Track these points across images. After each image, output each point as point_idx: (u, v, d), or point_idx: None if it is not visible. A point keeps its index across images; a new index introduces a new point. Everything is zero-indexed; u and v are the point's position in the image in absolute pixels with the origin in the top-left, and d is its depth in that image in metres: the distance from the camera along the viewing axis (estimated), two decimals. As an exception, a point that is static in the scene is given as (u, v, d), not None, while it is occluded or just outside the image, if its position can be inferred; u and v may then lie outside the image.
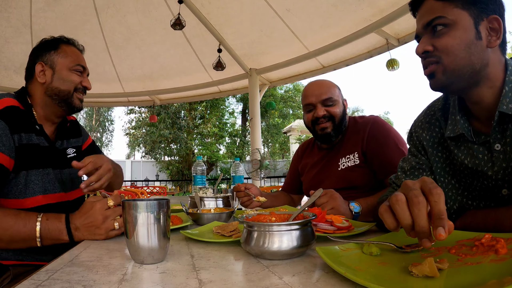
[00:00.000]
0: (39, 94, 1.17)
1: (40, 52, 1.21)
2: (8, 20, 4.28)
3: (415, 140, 0.97)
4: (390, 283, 0.48)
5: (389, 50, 4.09)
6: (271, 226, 0.65)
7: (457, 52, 0.75)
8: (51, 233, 0.90)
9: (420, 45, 0.80)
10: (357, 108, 22.07)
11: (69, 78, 1.19)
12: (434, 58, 0.78)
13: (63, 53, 1.21)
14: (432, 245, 0.63)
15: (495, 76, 0.77)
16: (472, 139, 0.81)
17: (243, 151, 20.24)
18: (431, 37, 0.79)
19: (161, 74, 5.72)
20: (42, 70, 1.18)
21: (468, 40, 0.75)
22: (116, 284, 0.53)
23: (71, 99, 1.20)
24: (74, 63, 1.21)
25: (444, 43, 0.76)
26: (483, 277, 0.47)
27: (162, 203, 0.67)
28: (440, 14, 0.77)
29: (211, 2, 4.12)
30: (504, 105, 0.73)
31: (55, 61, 1.19)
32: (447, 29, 0.76)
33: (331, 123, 1.43)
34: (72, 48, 1.25)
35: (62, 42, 1.24)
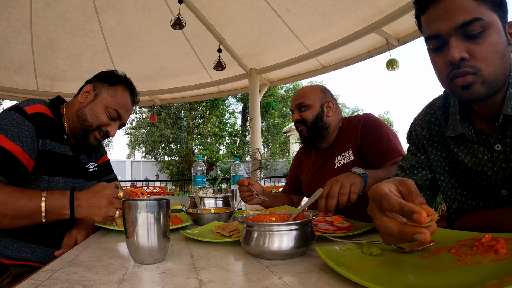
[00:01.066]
0: (73, 110, 1.21)
1: (101, 78, 1.25)
2: (8, 20, 4.28)
3: (415, 139, 0.96)
4: (390, 283, 0.48)
5: (389, 50, 4.09)
6: (271, 226, 0.65)
7: (496, 60, 0.69)
8: (54, 207, 0.92)
9: (456, 50, 0.68)
10: (357, 108, 22.06)
11: (98, 114, 1.20)
12: (471, 69, 0.69)
13: (113, 92, 1.23)
14: (432, 245, 0.63)
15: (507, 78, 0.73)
16: (473, 139, 0.79)
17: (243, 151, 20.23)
18: (463, 40, 0.69)
19: (161, 74, 5.72)
20: (87, 91, 1.21)
21: (503, 46, 0.69)
22: (116, 284, 0.53)
23: (90, 133, 1.21)
24: (115, 106, 1.22)
25: (485, 51, 0.68)
26: (483, 277, 0.47)
27: (162, 203, 0.67)
28: (478, 15, 0.67)
29: (211, 2, 4.12)
30: (509, 107, 0.72)
31: (101, 93, 1.22)
32: (484, 34, 0.68)
33: (304, 126, 1.54)
34: (125, 94, 1.26)
35: (123, 83, 1.27)
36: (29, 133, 1.02)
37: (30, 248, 1.06)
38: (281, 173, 17.71)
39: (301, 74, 5.32)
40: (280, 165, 19.71)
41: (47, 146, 1.08)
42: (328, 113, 1.53)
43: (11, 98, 5.85)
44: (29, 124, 1.03)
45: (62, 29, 4.54)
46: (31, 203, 0.91)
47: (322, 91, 1.56)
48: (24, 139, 1.01)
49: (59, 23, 4.44)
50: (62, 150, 1.14)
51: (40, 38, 4.63)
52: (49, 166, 1.09)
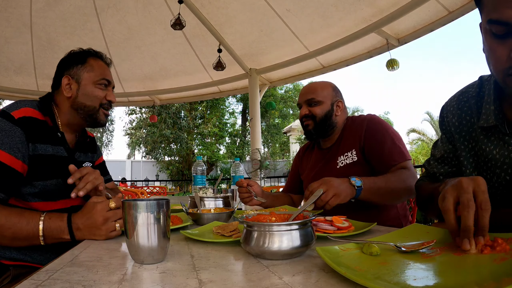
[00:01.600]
0: (65, 106, 1.20)
1: (67, 64, 1.22)
2: (8, 20, 4.28)
3: (446, 126, 0.95)
4: (390, 283, 0.48)
5: (389, 50, 4.08)
6: (271, 226, 0.65)
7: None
8: (53, 232, 0.92)
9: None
10: (357, 108, 22.03)
11: (93, 93, 1.20)
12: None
13: (90, 67, 1.21)
14: (432, 245, 0.63)
15: None
16: (505, 131, 0.76)
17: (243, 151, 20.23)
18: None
19: (161, 74, 5.72)
20: (68, 83, 1.19)
21: None
22: (116, 284, 0.53)
23: (96, 114, 1.21)
24: (99, 77, 1.21)
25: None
26: (483, 277, 0.47)
27: (162, 203, 0.67)
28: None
29: (211, 2, 4.11)
30: None
31: (81, 76, 1.20)
32: None
33: (312, 121, 1.51)
34: (99, 62, 1.25)
35: (90, 55, 1.25)
36: (19, 139, 1.01)
37: (29, 250, 1.06)
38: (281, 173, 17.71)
39: (301, 74, 5.32)
40: (280, 165, 19.70)
41: (38, 150, 1.06)
42: (337, 112, 1.53)
43: (11, 98, 5.85)
44: (17, 129, 1.01)
45: (62, 29, 4.54)
46: (29, 226, 0.91)
47: (333, 89, 1.55)
48: (15, 146, 0.99)
49: (59, 23, 4.43)
50: (55, 152, 1.12)
51: (40, 38, 4.63)
52: (42, 171, 1.07)
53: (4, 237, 0.91)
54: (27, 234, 0.91)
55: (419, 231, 0.74)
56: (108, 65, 1.29)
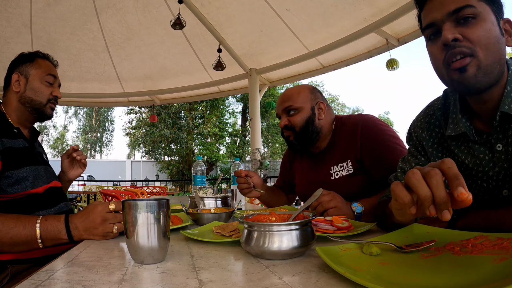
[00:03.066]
0: (14, 102, 1.29)
1: (17, 63, 1.33)
2: (8, 20, 4.27)
3: (415, 141, 0.96)
4: (390, 283, 0.48)
5: (389, 50, 4.08)
6: (271, 226, 0.65)
7: (490, 45, 0.70)
8: (50, 234, 0.92)
9: (448, 32, 0.71)
10: (357, 108, 22.06)
11: (40, 89, 1.30)
12: (468, 50, 0.70)
13: (37, 65, 1.32)
14: (432, 245, 0.63)
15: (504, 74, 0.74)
16: (474, 138, 0.79)
17: (243, 151, 20.23)
18: (455, 25, 0.72)
19: (161, 74, 5.71)
20: (17, 80, 1.29)
21: (497, 34, 0.71)
22: (116, 284, 0.53)
23: (43, 108, 1.31)
24: (45, 73, 1.32)
25: (477, 34, 0.70)
26: (483, 277, 0.47)
27: (162, 203, 0.67)
28: (468, 2, 0.71)
29: (211, 2, 4.11)
30: (506, 105, 0.72)
31: (29, 72, 1.31)
32: (476, 21, 0.71)
33: (291, 132, 1.41)
34: (46, 62, 1.36)
35: (38, 56, 1.36)
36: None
37: None
38: (281, 173, 17.62)
39: (301, 74, 5.31)
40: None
41: (6, 144, 1.14)
42: (320, 115, 1.39)
43: (11, 98, 5.84)
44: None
45: (62, 29, 4.53)
46: (26, 230, 0.92)
47: (311, 92, 1.41)
48: None
49: (59, 23, 4.43)
50: (18, 144, 1.19)
51: (40, 38, 4.62)
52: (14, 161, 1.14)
53: (3, 243, 0.91)
54: (25, 239, 0.91)
55: (419, 231, 0.74)
56: (54, 66, 1.41)
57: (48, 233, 0.92)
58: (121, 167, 23.88)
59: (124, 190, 5.64)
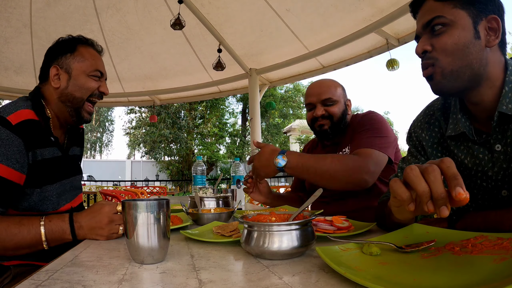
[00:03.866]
0: (53, 99, 1.11)
1: (56, 53, 1.13)
2: (8, 20, 4.27)
3: (415, 141, 0.97)
4: (390, 283, 0.48)
5: (389, 50, 4.08)
6: (271, 226, 0.65)
7: (455, 52, 0.74)
8: (54, 234, 0.91)
9: (419, 44, 0.79)
10: (357, 108, 22.05)
11: (86, 85, 1.11)
12: (431, 60, 0.77)
13: (80, 57, 1.12)
14: (432, 245, 0.63)
15: (495, 75, 0.76)
16: (473, 137, 0.80)
17: (243, 151, 20.23)
18: (430, 37, 0.78)
19: (161, 74, 5.71)
20: (57, 74, 1.11)
21: (466, 40, 0.74)
22: (116, 284, 0.53)
23: (81, 110, 1.13)
24: (92, 68, 1.13)
25: (443, 42, 0.75)
26: (483, 277, 0.47)
27: (162, 203, 0.67)
28: (439, 13, 0.76)
29: (211, 2, 4.11)
30: (504, 105, 0.73)
31: (71, 66, 1.11)
32: (446, 28, 0.75)
33: (329, 121, 1.48)
34: (90, 50, 1.16)
35: (80, 42, 1.16)
36: (17, 149, 0.94)
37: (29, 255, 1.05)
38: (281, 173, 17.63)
39: (301, 74, 5.32)
40: (280, 165, 19.62)
41: (39, 156, 1.01)
42: (349, 111, 1.53)
43: (11, 98, 5.85)
44: (16, 138, 0.94)
45: (62, 29, 4.53)
46: (30, 235, 0.89)
47: (343, 89, 1.55)
48: (13, 156, 0.93)
49: (59, 23, 4.43)
50: (51, 154, 1.07)
51: (40, 38, 4.62)
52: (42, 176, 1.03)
53: (6, 248, 0.89)
54: (30, 242, 0.89)
55: (419, 231, 0.74)
56: (99, 53, 1.20)
57: (53, 233, 0.90)
58: (121, 167, 23.88)
59: (124, 190, 5.64)
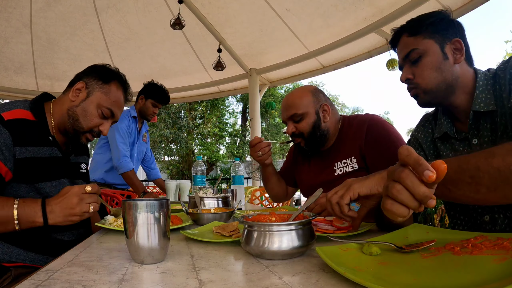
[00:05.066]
0: (63, 108, 1.14)
1: (93, 73, 1.17)
2: (8, 20, 4.27)
3: (413, 141, 1.12)
4: (390, 283, 0.48)
5: (389, 50, 4.08)
6: (271, 226, 0.65)
7: (431, 74, 0.94)
8: (27, 215, 0.92)
9: (403, 74, 0.99)
10: (357, 108, 22.06)
11: (91, 115, 1.13)
12: (414, 85, 0.97)
13: (107, 90, 1.16)
14: (432, 245, 0.63)
15: (466, 84, 0.93)
16: (454, 135, 0.96)
17: (243, 151, 20.23)
18: (410, 66, 0.98)
19: (161, 74, 5.71)
20: (79, 89, 1.14)
21: (438, 63, 0.93)
22: (116, 284, 0.53)
23: (80, 135, 1.15)
24: (108, 104, 1.15)
25: (421, 69, 0.95)
26: (483, 277, 0.47)
27: (162, 203, 0.67)
28: (413, 47, 0.95)
29: (211, 2, 4.11)
30: (476, 105, 0.88)
31: (94, 91, 1.15)
32: (421, 58, 0.95)
33: (301, 138, 1.41)
34: (119, 92, 1.20)
35: (117, 79, 1.20)
36: (4, 141, 0.97)
37: (29, 256, 1.05)
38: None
39: (301, 74, 5.32)
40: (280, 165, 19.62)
41: (30, 153, 1.03)
42: (325, 118, 1.39)
43: (11, 98, 5.84)
44: (5, 131, 0.97)
45: (62, 29, 4.53)
46: (3, 211, 0.91)
47: (313, 95, 1.41)
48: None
49: (59, 23, 4.43)
50: (48, 153, 1.09)
51: (40, 38, 4.62)
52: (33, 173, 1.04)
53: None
54: (1, 219, 0.90)
55: (419, 231, 0.74)
56: (125, 100, 1.24)
57: (26, 215, 0.91)
58: (121, 167, 23.83)
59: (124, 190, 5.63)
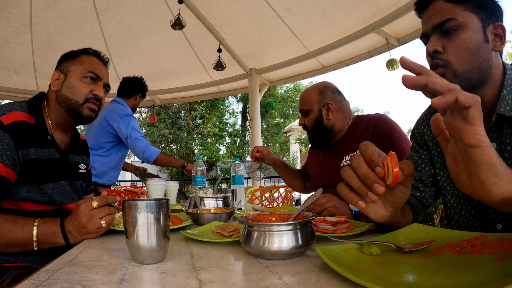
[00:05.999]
0: (52, 101, 1.17)
1: (61, 60, 1.21)
2: (8, 20, 4.28)
3: (417, 136, 1.02)
4: (390, 283, 0.48)
5: (389, 50, 4.09)
6: (271, 226, 0.65)
7: (466, 55, 0.77)
8: (47, 237, 0.92)
9: (431, 43, 0.80)
10: (357, 108, 22.06)
11: (77, 86, 1.15)
12: (442, 62, 0.79)
13: (79, 61, 1.19)
14: (432, 245, 0.63)
15: (496, 78, 0.80)
16: None
17: (243, 151, 20.23)
18: (440, 37, 0.80)
19: (161, 74, 5.72)
20: (57, 78, 1.17)
21: (477, 43, 0.77)
22: (116, 284, 0.53)
23: (79, 108, 1.15)
24: (86, 70, 1.17)
25: (455, 45, 0.78)
26: (483, 277, 0.47)
27: (162, 203, 0.67)
28: (451, 16, 0.78)
29: (211, 2, 4.11)
30: (502, 107, 0.77)
31: (69, 69, 1.18)
32: (458, 31, 0.78)
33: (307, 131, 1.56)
34: (91, 58, 1.22)
35: (84, 53, 1.22)
36: (8, 146, 0.98)
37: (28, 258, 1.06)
38: (281, 173, 17.58)
39: (301, 74, 5.32)
40: (280, 165, 19.60)
41: (32, 155, 1.04)
42: (328, 116, 1.48)
43: (11, 98, 5.85)
44: (6, 136, 0.98)
45: (62, 29, 4.54)
46: (23, 233, 0.91)
47: (320, 93, 1.50)
48: (3, 153, 0.97)
49: (59, 23, 4.43)
50: (47, 155, 1.09)
51: (40, 38, 4.62)
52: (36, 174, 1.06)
53: None
54: (22, 241, 0.91)
55: (419, 231, 0.74)
56: (104, 63, 1.25)
57: (45, 236, 0.92)
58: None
59: (124, 190, 5.63)
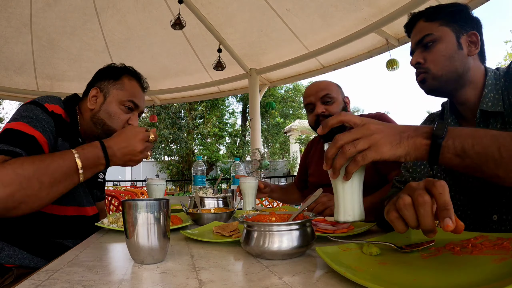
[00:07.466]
0: (86, 116, 1.16)
1: (102, 76, 1.18)
2: (8, 20, 4.28)
3: None
4: (390, 283, 0.48)
5: (389, 50, 4.08)
6: (271, 226, 0.65)
7: (443, 61, 0.92)
8: (89, 160, 0.91)
9: (414, 58, 0.97)
10: (357, 108, 22.08)
11: (116, 114, 1.14)
12: (424, 69, 0.95)
13: (121, 85, 1.17)
14: (432, 245, 0.63)
15: (476, 79, 0.92)
16: None
17: (243, 151, 20.24)
18: (422, 51, 0.96)
19: (161, 74, 5.71)
20: (95, 96, 1.15)
21: (452, 51, 0.92)
22: (116, 284, 0.53)
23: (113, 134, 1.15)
24: (127, 98, 1.16)
25: (433, 55, 0.93)
26: (483, 277, 0.47)
27: (162, 203, 0.67)
28: (428, 32, 0.94)
29: (211, 2, 4.11)
30: (484, 104, 0.87)
31: (109, 91, 1.15)
32: (435, 43, 0.93)
33: None
34: (133, 83, 1.20)
35: (127, 73, 1.21)
36: (51, 129, 1.01)
37: (34, 260, 1.05)
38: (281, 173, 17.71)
39: (301, 74, 5.32)
40: (280, 165, 19.70)
41: (59, 146, 1.05)
42: (348, 108, 1.53)
43: (11, 98, 5.85)
44: (51, 120, 1.01)
45: (62, 29, 4.53)
46: (66, 162, 0.87)
47: (339, 87, 1.55)
48: (47, 133, 0.99)
49: (59, 23, 4.43)
50: None
51: (40, 38, 4.62)
52: None
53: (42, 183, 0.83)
54: (66, 170, 0.86)
55: (419, 231, 0.74)
56: (143, 89, 1.24)
57: (88, 160, 0.90)
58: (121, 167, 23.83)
59: (124, 190, 5.64)
